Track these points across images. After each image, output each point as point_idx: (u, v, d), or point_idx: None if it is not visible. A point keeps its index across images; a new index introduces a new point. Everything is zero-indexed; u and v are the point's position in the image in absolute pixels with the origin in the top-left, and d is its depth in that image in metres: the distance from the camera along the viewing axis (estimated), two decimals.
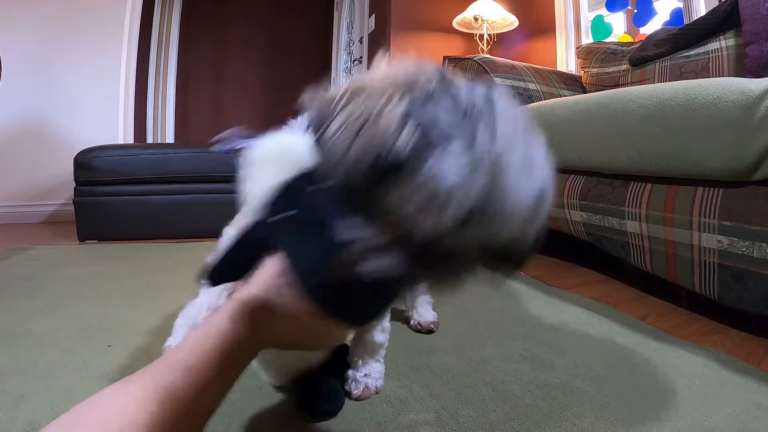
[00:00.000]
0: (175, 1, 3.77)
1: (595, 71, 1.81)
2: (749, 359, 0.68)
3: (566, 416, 0.52)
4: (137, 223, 1.73)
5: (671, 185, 0.88)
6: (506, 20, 2.53)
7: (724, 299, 0.79)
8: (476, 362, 0.66)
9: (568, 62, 2.34)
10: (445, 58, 2.79)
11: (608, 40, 2.15)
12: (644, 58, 1.59)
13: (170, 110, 3.82)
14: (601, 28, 2.25)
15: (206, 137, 4.12)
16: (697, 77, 1.38)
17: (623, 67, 1.69)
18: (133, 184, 1.73)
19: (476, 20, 2.50)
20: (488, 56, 1.65)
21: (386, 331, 0.58)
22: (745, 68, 1.24)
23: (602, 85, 1.74)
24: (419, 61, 0.31)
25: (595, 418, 0.52)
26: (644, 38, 1.68)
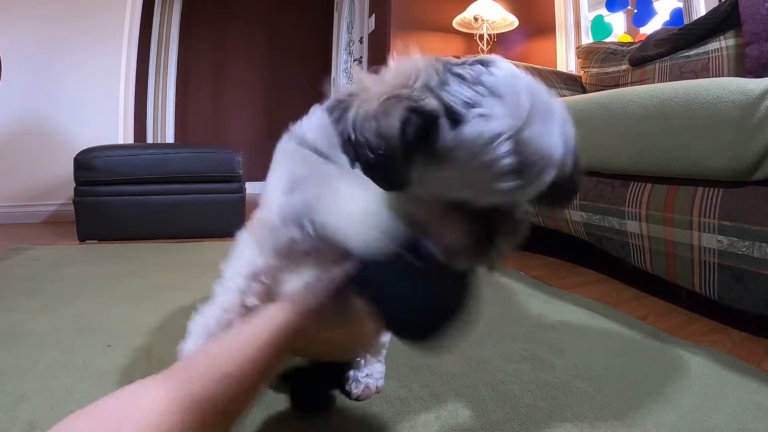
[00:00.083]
0: (175, 1, 3.77)
1: (595, 71, 1.81)
2: (749, 359, 0.69)
3: (566, 416, 0.52)
4: (137, 223, 1.73)
5: (671, 185, 0.88)
6: (506, 20, 2.53)
7: (724, 299, 0.79)
8: (476, 362, 0.66)
9: (568, 62, 2.34)
10: None
11: (608, 40, 2.15)
12: (644, 58, 1.59)
13: (170, 110, 3.82)
14: (601, 28, 2.25)
15: (206, 137, 4.14)
16: (697, 77, 1.38)
17: (623, 67, 1.69)
18: (133, 184, 1.73)
19: (476, 20, 2.50)
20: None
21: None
22: (745, 68, 1.24)
23: (602, 85, 1.74)
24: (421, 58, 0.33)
25: (595, 418, 0.52)
26: (644, 38, 1.68)
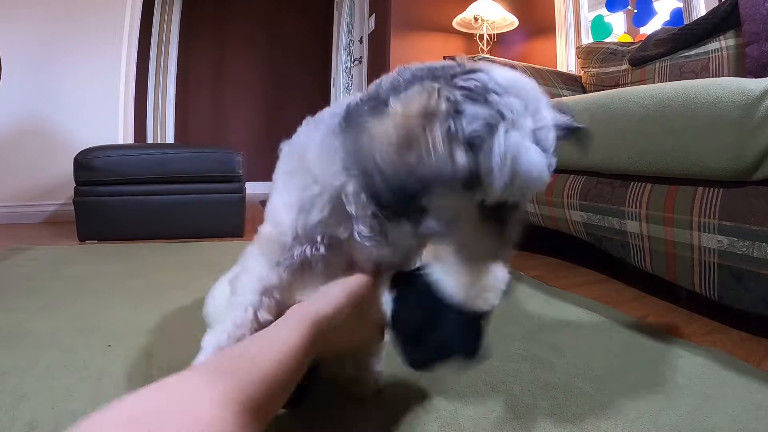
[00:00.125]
0: (175, 1, 3.77)
1: (595, 71, 1.81)
2: (749, 359, 0.69)
3: (566, 416, 0.52)
4: (137, 223, 1.73)
5: (671, 185, 0.88)
6: (506, 20, 2.53)
7: (724, 299, 0.79)
8: None
9: (568, 62, 2.34)
10: (444, 58, 2.80)
11: (608, 40, 2.15)
12: (644, 58, 1.59)
13: (170, 110, 3.82)
14: (601, 28, 2.25)
15: (206, 137, 4.13)
16: (697, 77, 1.38)
17: (623, 67, 1.69)
18: (133, 184, 1.73)
19: (476, 20, 2.50)
20: (488, 56, 1.65)
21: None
22: (745, 68, 1.24)
23: (602, 85, 1.74)
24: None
25: (595, 418, 0.52)
26: (644, 38, 1.68)
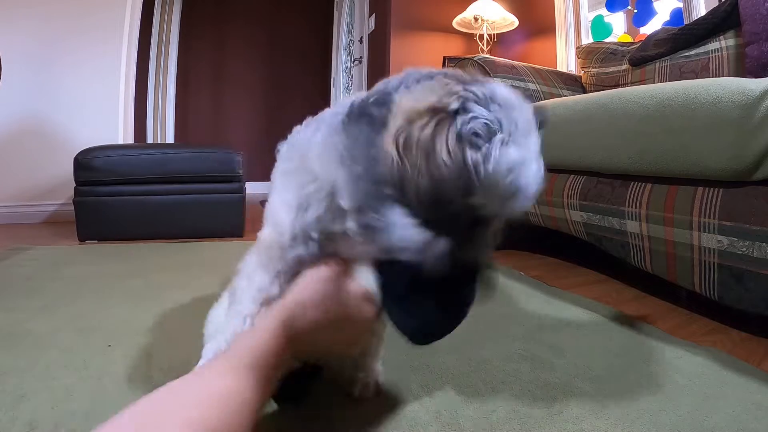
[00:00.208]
0: (175, 1, 3.77)
1: (595, 71, 1.81)
2: (749, 359, 0.69)
3: (566, 416, 0.52)
4: (137, 223, 1.73)
5: (671, 185, 0.88)
6: (506, 20, 2.53)
7: (724, 299, 0.79)
8: (476, 362, 0.66)
9: (568, 62, 2.34)
10: (445, 58, 2.79)
11: (608, 40, 2.15)
12: (644, 58, 1.59)
13: (170, 110, 3.82)
14: (601, 28, 2.25)
15: (206, 137, 4.13)
16: (697, 77, 1.38)
17: (623, 67, 1.69)
18: (133, 184, 1.73)
19: (476, 20, 2.50)
20: (488, 56, 1.65)
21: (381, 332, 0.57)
22: (745, 68, 1.24)
23: (602, 85, 1.74)
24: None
25: (595, 418, 0.52)
26: (644, 38, 1.68)
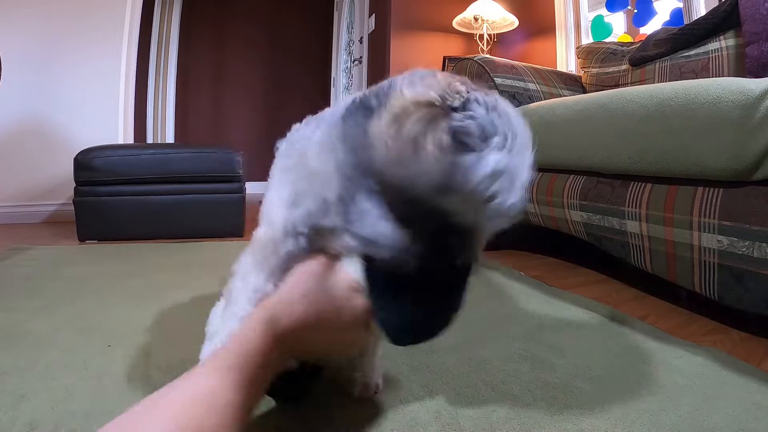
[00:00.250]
0: (175, 1, 3.77)
1: (595, 71, 1.81)
2: (749, 359, 0.69)
3: (566, 416, 0.52)
4: (137, 223, 1.73)
5: (671, 185, 0.88)
6: (506, 20, 2.53)
7: (724, 299, 0.79)
8: (476, 362, 0.66)
9: (568, 62, 2.34)
10: (445, 58, 2.79)
11: (608, 40, 2.15)
12: (644, 58, 1.59)
13: (170, 110, 3.82)
14: (601, 28, 2.25)
15: (206, 137, 4.13)
16: (697, 77, 1.38)
17: (623, 67, 1.69)
18: (133, 184, 1.73)
19: (476, 20, 2.50)
20: (488, 56, 1.65)
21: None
22: (745, 68, 1.24)
23: (602, 85, 1.74)
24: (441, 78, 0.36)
25: (595, 418, 0.52)
26: (644, 38, 1.68)
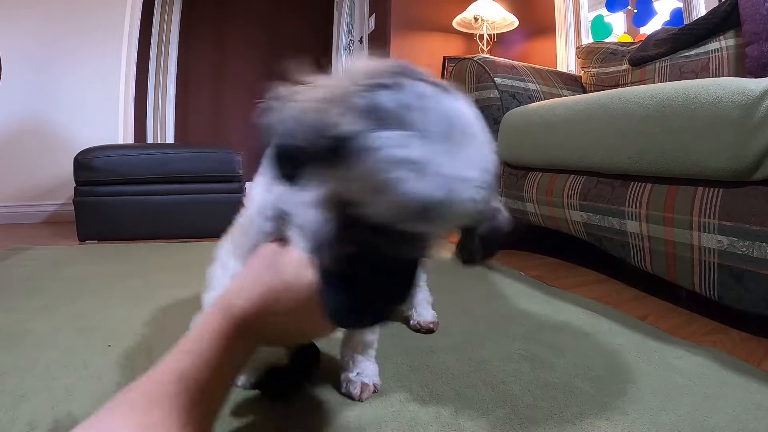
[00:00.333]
0: (175, 1, 3.77)
1: (595, 71, 1.81)
2: (749, 359, 0.68)
3: (566, 416, 0.52)
4: (137, 223, 1.73)
5: (671, 185, 0.88)
6: (506, 20, 2.53)
7: (724, 299, 0.79)
8: (476, 362, 0.66)
9: (568, 62, 2.34)
10: (445, 58, 2.79)
11: (608, 40, 2.15)
12: (644, 58, 1.59)
13: (170, 110, 3.81)
14: (601, 28, 2.25)
15: (206, 137, 4.13)
16: (697, 77, 1.38)
17: (623, 67, 1.69)
18: (133, 184, 1.73)
19: (476, 20, 2.50)
20: (488, 56, 1.65)
21: (375, 330, 0.57)
22: (745, 68, 1.24)
23: (602, 85, 1.74)
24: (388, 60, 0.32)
25: (595, 418, 0.52)
26: (644, 38, 1.68)
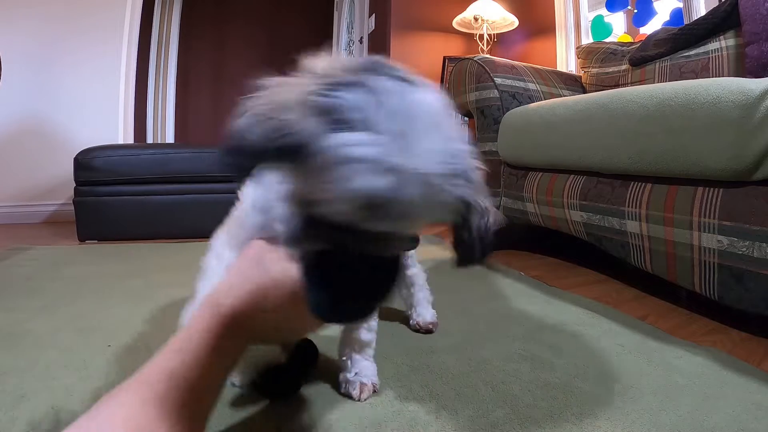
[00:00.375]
0: (175, 1, 3.77)
1: (595, 71, 1.81)
2: (749, 359, 0.68)
3: (566, 416, 0.52)
4: (137, 223, 1.73)
5: (671, 185, 0.88)
6: (506, 20, 2.53)
7: (724, 299, 0.79)
8: (476, 362, 0.66)
9: (568, 62, 2.34)
10: (445, 58, 2.79)
11: (608, 40, 2.15)
12: (644, 58, 1.59)
13: (170, 110, 3.82)
14: (601, 28, 2.25)
15: (206, 137, 4.13)
16: (697, 77, 1.38)
17: (623, 67, 1.69)
18: (133, 184, 1.73)
19: (476, 20, 2.50)
20: (488, 56, 1.65)
21: (372, 330, 0.57)
22: (745, 68, 1.24)
23: (602, 85, 1.74)
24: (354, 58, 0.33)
25: (595, 418, 0.52)
26: (644, 38, 1.68)
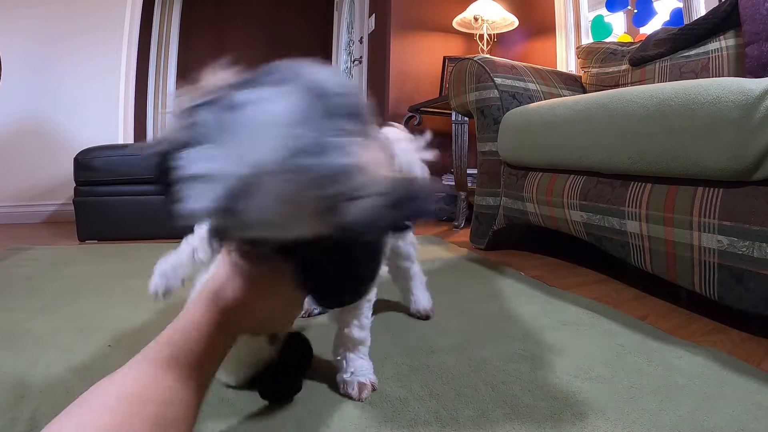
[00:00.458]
0: (175, 1, 3.77)
1: (595, 71, 1.81)
2: (749, 359, 0.68)
3: (566, 416, 0.52)
4: (137, 223, 1.73)
5: (671, 185, 0.88)
6: (506, 20, 2.53)
7: (724, 299, 0.79)
8: (476, 362, 0.66)
9: (568, 62, 2.34)
10: (445, 58, 2.79)
11: (608, 40, 2.15)
12: (644, 58, 1.59)
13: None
14: (601, 28, 2.25)
15: None
16: (697, 77, 1.38)
17: (623, 67, 1.69)
18: (133, 184, 1.73)
19: (476, 20, 2.50)
20: (488, 56, 1.65)
21: (365, 328, 0.57)
22: (745, 68, 1.24)
23: (602, 85, 1.74)
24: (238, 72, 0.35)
25: (595, 418, 0.52)
26: (644, 38, 1.68)
